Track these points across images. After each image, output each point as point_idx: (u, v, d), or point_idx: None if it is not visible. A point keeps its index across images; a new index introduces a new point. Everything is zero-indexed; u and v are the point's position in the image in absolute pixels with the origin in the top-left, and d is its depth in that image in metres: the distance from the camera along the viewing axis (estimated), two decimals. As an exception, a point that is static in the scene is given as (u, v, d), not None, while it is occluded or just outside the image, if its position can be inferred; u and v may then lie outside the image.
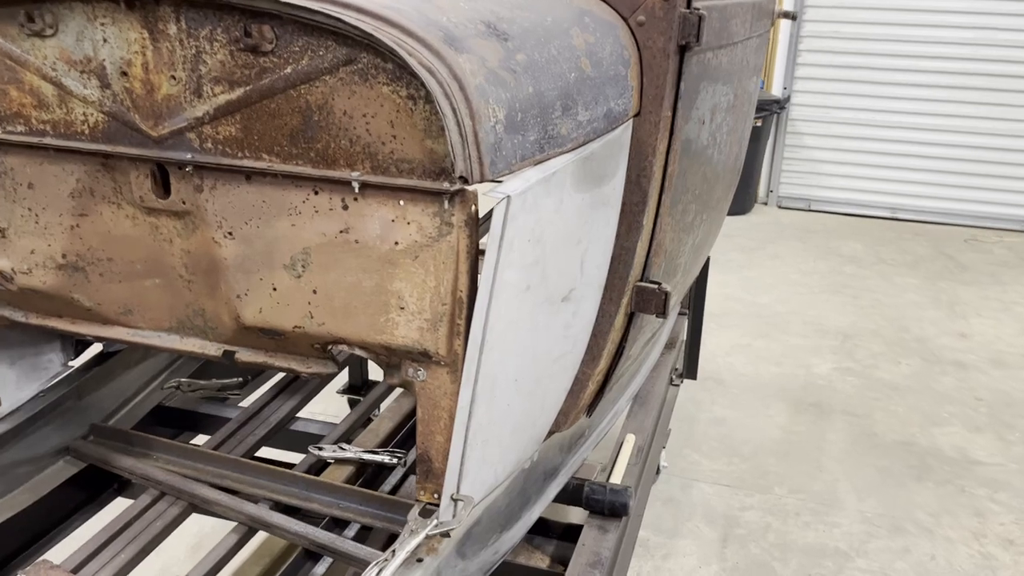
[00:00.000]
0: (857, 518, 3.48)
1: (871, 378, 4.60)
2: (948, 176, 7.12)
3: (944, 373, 4.68)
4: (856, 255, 6.47)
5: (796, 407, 4.29)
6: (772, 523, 3.43)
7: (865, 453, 3.92)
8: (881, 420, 4.20)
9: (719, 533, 3.37)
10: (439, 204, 1.39)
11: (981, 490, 3.69)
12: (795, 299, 5.63)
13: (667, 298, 1.78)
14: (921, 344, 5.02)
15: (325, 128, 1.41)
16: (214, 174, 1.51)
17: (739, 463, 3.83)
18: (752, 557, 3.24)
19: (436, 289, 1.43)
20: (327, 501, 1.97)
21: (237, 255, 1.54)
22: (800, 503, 3.56)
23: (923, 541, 3.37)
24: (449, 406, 1.51)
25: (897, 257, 6.44)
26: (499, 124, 1.39)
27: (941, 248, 6.66)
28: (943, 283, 5.99)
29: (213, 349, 1.69)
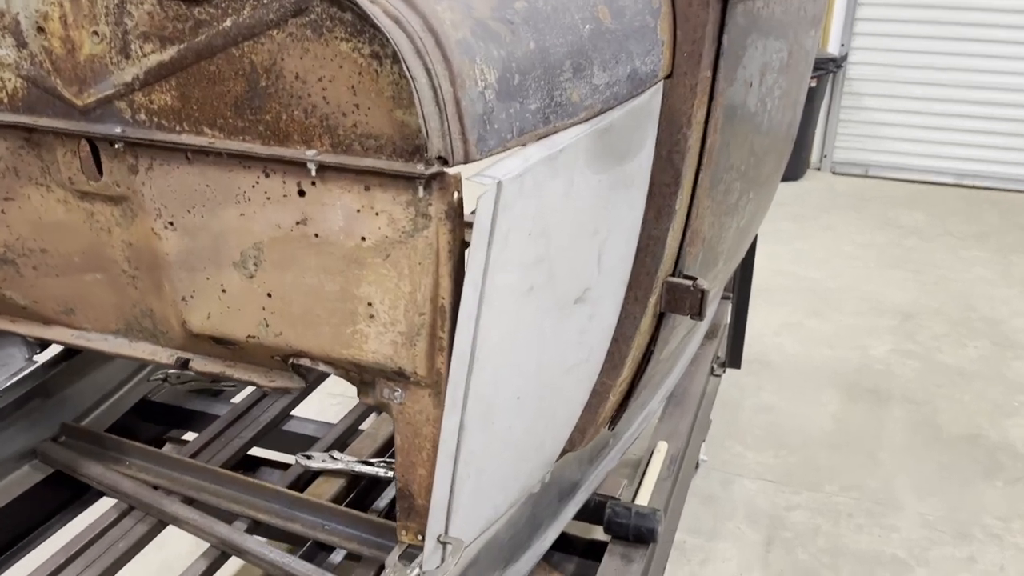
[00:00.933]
0: (917, 521, 3.16)
1: (934, 362, 4.24)
2: (1018, 139, 6.61)
3: (1017, 358, 4.30)
4: (918, 226, 6.04)
5: (850, 393, 3.96)
6: (822, 525, 3.14)
7: (926, 447, 3.58)
8: (945, 410, 3.85)
9: (763, 535, 3.08)
10: (412, 191, 1.11)
11: (1058, 491, 3.34)
12: (850, 274, 5.24)
13: (703, 297, 1.49)
14: (990, 325, 4.63)
15: (275, 95, 1.14)
16: (150, 152, 1.25)
17: (787, 456, 3.52)
18: (799, 564, 2.96)
19: (412, 295, 1.16)
20: (311, 522, 1.73)
21: (180, 250, 1.28)
22: (854, 503, 3.25)
23: (991, 549, 3.04)
24: (432, 434, 1.25)
25: (963, 228, 5.99)
26: (489, 89, 1.10)
27: (1013, 218, 6.18)
28: (1015, 257, 5.55)
29: (165, 356, 1.44)
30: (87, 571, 1.68)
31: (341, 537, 1.69)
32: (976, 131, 6.66)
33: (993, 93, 6.54)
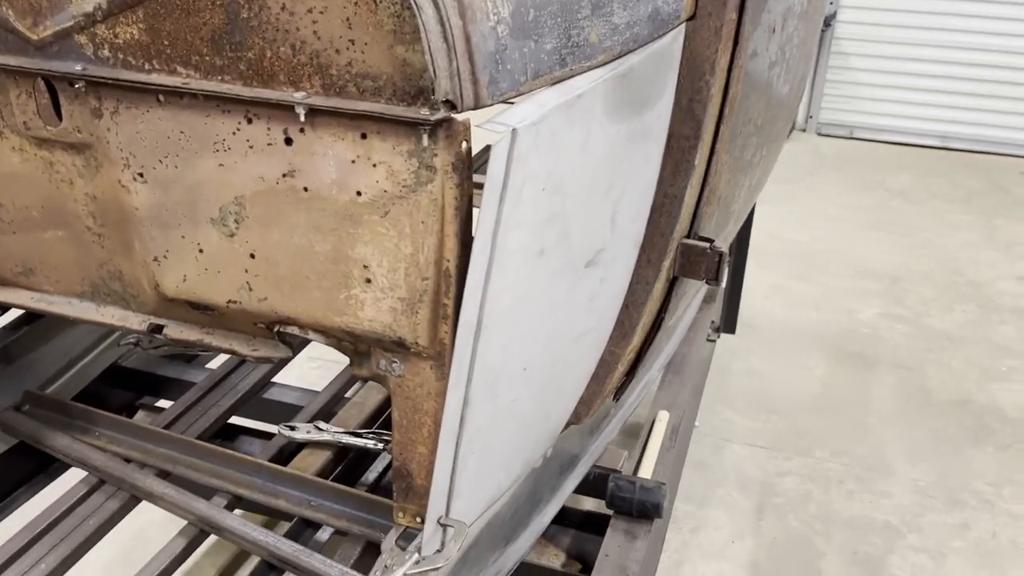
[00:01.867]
0: (909, 487, 3.12)
1: (921, 326, 4.20)
2: (1004, 102, 6.54)
3: (1003, 322, 4.26)
4: (903, 188, 5.98)
5: (838, 358, 3.91)
6: (813, 491, 3.09)
7: (916, 412, 3.54)
8: (934, 374, 3.81)
9: (754, 502, 3.03)
10: (415, 140, 0.99)
11: (1046, 456, 3.31)
12: (836, 236, 5.18)
13: (721, 260, 1.39)
14: (976, 289, 4.59)
15: (258, 29, 1.00)
16: (115, 93, 1.11)
17: (776, 421, 3.46)
18: (791, 531, 2.91)
19: (413, 257, 1.04)
20: (296, 497, 1.63)
21: (151, 204, 1.15)
22: (844, 469, 3.20)
23: (983, 515, 3.01)
24: (433, 409, 1.14)
25: (948, 191, 5.94)
26: (502, 25, 0.98)
27: (996, 181, 6.14)
28: (999, 220, 5.51)
29: (136, 322, 1.31)
30: (55, 550, 1.57)
31: (329, 514, 1.58)
32: (960, 93, 6.59)
33: (978, 55, 6.46)
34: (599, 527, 1.79)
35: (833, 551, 2.82)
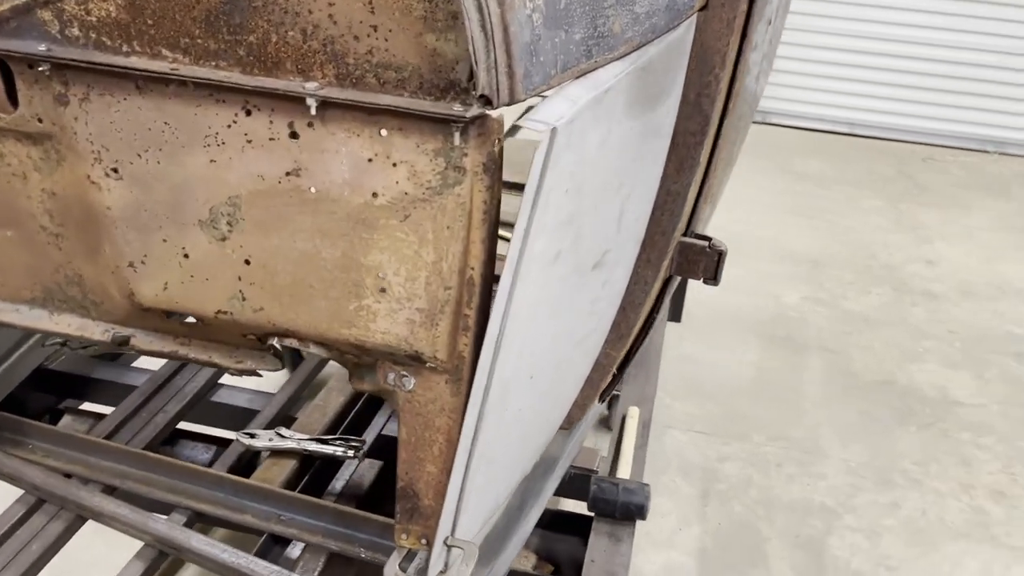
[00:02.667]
0: (842, 468, 3.21)
1: (843, 309, 4.32)
2: (908, 91, 6.81)
3: (915, 304, 4.43)
4: (816, 174, 6.15)
5: (768, 341, 3.98)
6: (753, 476, 3.13)
7: (844, 394, 3.64)
8: (858, 357, 3.93)
9: (698, 489, 3.05)
10: (444, 138, 0.90)
11: (965, 434, 3.46)
12: (756, 221, 5.28)
13: (720, 259, 1.35)
14: (889, 272, 4.76)
15: (262, 10, 0.89)
16: (86, 78, 0.98)
17: (713, 406, 3.50)
18: (735, 516, 2.94)
19: (436, 266, 0.96)
20: (263, 512, 1.52)
21: (127, 204, 1.02)
22: (782, 452, 3.26)
23: (912, 494, 3.12)
24: (447, 427, 1.06)
25: (858, 177, 6.14)
26: (537, 13, 0.90)
27: (901, 167, 6.39)
28: (905, 205, 5.73)
29: (98, 331, 1.18)
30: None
31: (301, 528, 1.49)
32: (869, 82, 6.81)
33: (886, 45, 6.69)
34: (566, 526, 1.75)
35: (776, 535, 2.87)
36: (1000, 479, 3.23)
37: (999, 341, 4.13)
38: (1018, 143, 6.78)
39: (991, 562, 2.83)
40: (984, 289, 4.64)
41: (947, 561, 2.81)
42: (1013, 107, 6.73)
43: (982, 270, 4.86)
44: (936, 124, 6.84)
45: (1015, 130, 6.78)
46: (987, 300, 4.51)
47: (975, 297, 4.54)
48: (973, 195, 5.97)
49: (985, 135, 6.82)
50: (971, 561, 2.82)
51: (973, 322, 4.30)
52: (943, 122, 6.84)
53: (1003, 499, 3.13)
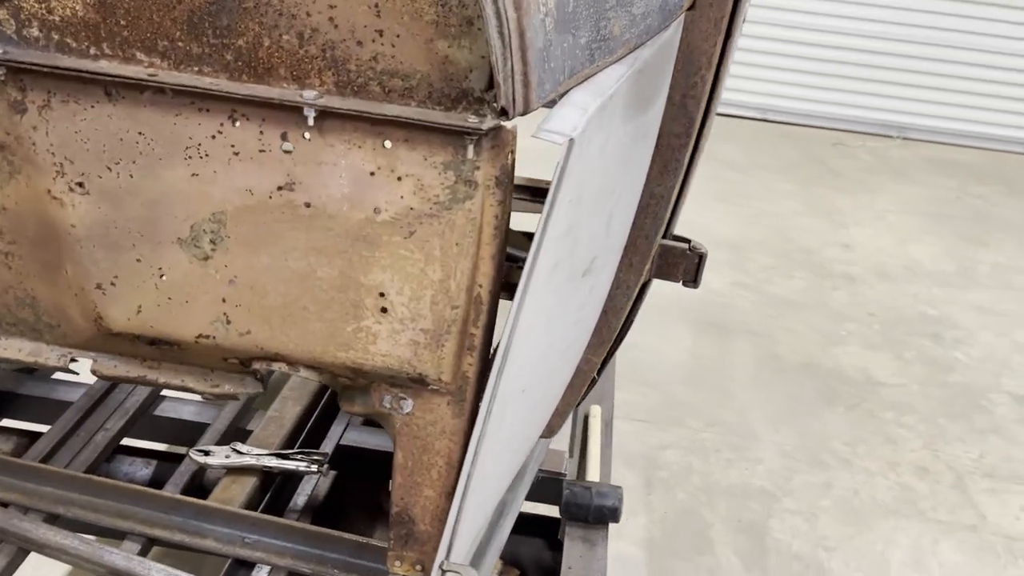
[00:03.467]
0: (776, 451, 3.29)
1: (767, 294, 4.42)
2: (816, 78, 7.02)
3: (835, 287, 4.57)
4: (732, 159, 6.27)
5: (698, 327, 4.04)
6: (694, 463, 3.18)
7: (772, 377, 3.73)
8: (783, 340, 4.03)
9: (642, 478, 3.07)
10: (456, 150, 0.84)
11: (888, 413, 3.60)
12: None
13: (701, 261, 1.33)
14: (808, 256, 4.90)
15: (254, 12, 0.81)
16: (47, 84, 0.88)
17: (650, 393, 3.53)
18: (679, 504, 2.98)
19: (443, 284, 0.90)
20: (226, 535, 1.43)
21: (95, 221, 0.93)
22: (718, 438, 3.32)
23: (843, 474, 3.22)
24: (447, 449, 1.01)
25: (772, 161, 6.30)
26: (549, 17, 0.85)
27: (811, 152, 6.58)
28: (818, 189, 5.91)
29: (53, 356, 1.08)
30: (-72, 627, 1.30)
31: (267, 551, 1.41)
32: (778, 68, 7.00)
33: (794, 32, 6.88)
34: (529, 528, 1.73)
35: (719, 520, 2.92)
36: (923, 456, 3.36)
37: (915, 322, 4.31)
38: (920, 128, 7.07)
39: (920, 537, 2.95)
40: (898, 271, 4.83)
41: (880, 539, 2.92)
42: (915, 93, 7.02)
43: (895, 253, 5.05)
44: (843, 110, 7.08)
45: (917, 115, 7.07)
46: (902, 282, 4.69)
47: (890, 279, 4.72)
48: (881, 179, 6.20)
49: (889, 120, 7.10)
50: (902, 538, 2.93)
51: (890, 304, 4.46)
52: (850, 108, 7.08)
53: (927, 475, 3.27)
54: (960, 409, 3.67)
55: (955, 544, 2.92)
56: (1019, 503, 3.14)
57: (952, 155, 6.79)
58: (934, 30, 6.77)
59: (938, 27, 6.75)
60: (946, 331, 4.24)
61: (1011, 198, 6.02)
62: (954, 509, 3.10)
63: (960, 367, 3.96)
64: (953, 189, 6.10)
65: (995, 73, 6.80)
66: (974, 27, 6.71)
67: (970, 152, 6.88)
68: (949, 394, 3.75)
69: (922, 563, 2.83)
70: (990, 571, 2.81)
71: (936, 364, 3.94)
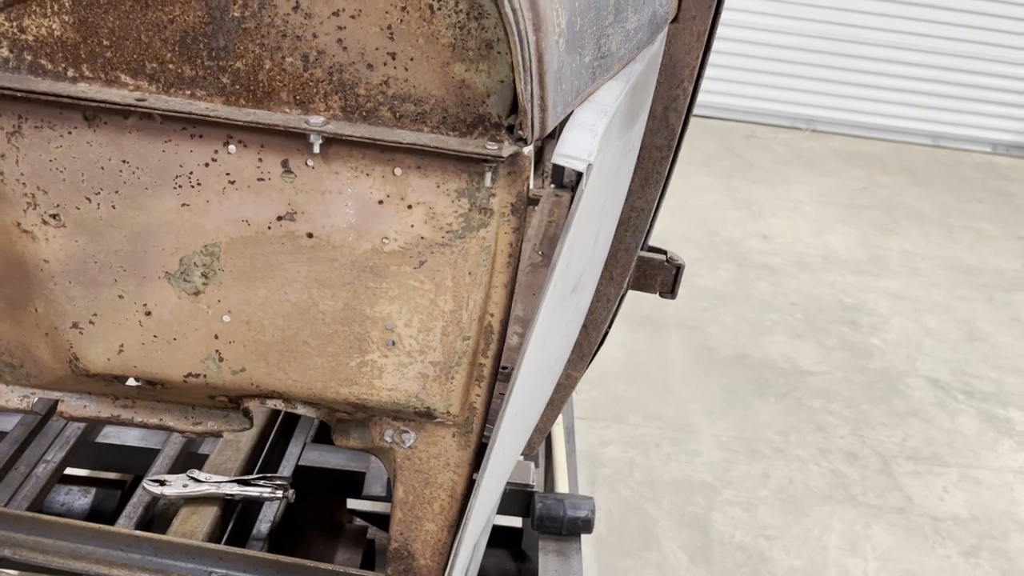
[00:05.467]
0: (714, 444, 3.35)
1: (695, 286, 4.50)
2: (729, 71, 7.19)
3: (758, 278, 4.69)
4: (653, 152, 6.36)
5: (630, 321, 4.08)
6: (635, 458, 3.21)
7: (707, 370, 3.81)
8: (714, 333, 4.11)
9: (586, 475, 3.09)
10: (471, 177, 0.81)
11: (816, 401, 3.72)
12: (606, 201, 5.39)
13: (679, 272, 1.33)
14: (731, 247, 5.01)
15: (254, 33, 0.76)
16: (18, 108, 0.80)
17: (589, 389, 3.55)
18: (624, 501, 3.01)
19: (455, 315, 0.87)
20: (190, 570, 1.36)
21: (71, 255, 0.85)
22: (658, 432, 3.36)
23: (778, 463, 3.31)
24: (450, 483, 0.97)
25: (690, 154, 6.41)
26: (562, 38, 0.83)
27: (727, 144, 6.74)
28: (735, 181, 6.05)
29: (14, 398, 0.99)
30: None
31: (237, 585, 1.34)
32: (694, 61, 7.11)
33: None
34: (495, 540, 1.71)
35: (664, 515, 2.96)
36: (851, 442, 3.49)
37: (834, 310, 4.46)
38: (829, 120, 7.32)
39: (853, 522, 3.06)
40: (815, 261, 4.99)
41: (817, 525, 3.01)
42: (822, 87, 7.26)
43: (812, 243, 5.22)
44: (754, 103, 7.27)
45: (825, 108, 7.31)
46: (819, 271, 4.86)
47: (809, 269, 4.88)
48: (795, 170, 6.39)
49: (798, 113, 7.33)
50: (837, 523, 3.04)
51: (810, 292, 4.61)
52: (760, 101, 7.28)
53: (855, 460, 3.39)
54: (881, 394, 3.82)
55: (886, 527, 3.04)
56: (941, 484, 3.30)
57: (859, 147, 7.06)
58: (841, 26, 7.01)
59: (844, 23, 7.00)
60: (862, 318, 4.41)
61: (915, 187, 6.30)
62: (882, 493, 3.22)
63: (877, 353, 4.12)
64: (861, 179, 6.34)
65: (899, 68, 7.10)
66: (879, 23, 6.98)
67: (876, 144, 7.17)
68: (869, 379, 3.90)
69: (857, 547, 2.94)
70: (920, 552, 2.94)
71: (856, 351, 4.09)
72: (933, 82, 7.07)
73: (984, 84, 7.08)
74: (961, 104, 7.15)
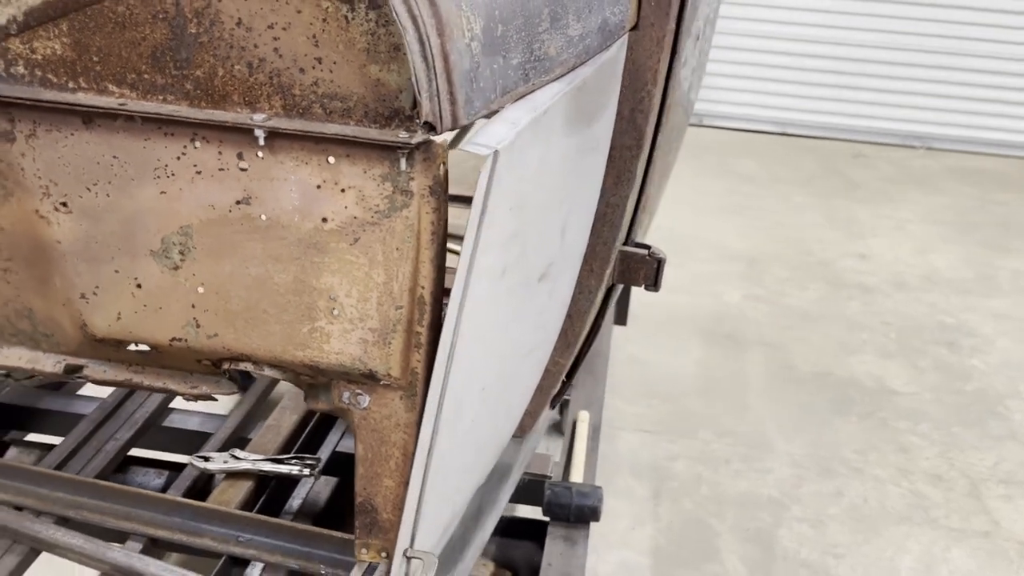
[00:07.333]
0: (787, 461, 3.31)
1: (781, 305, 4.45)
2: (835, 90, 7.04)
3: (851, 298, 4.58)
4: (751, 173, 6.31)
5: (711, 339, 4.08)
6: (703, 473, 3.21)
7: (786, 388, 3.76)
8: (797, 351, 4.05)
9: (650, 489, 3.12)
10: (390, 163, 0.93)
11: (902, 423, 3.60)
12: (695, 221, 5.40)
13: (660, 266, 1.40)
14: (824, 267, 4.91)
15: (208, 45, 0.91)
16: (32, 115, 0.99)
17: (660, 405, 3.58)
18: (687, 514, 3.01)
19: (387, 286, 0.99)
20: (221, 534, 1.52)
21: (77, 237, 1.03)
22: (729, 448, 3.35)
23: (854, 482, 3.23)
24: (402, 441, 1.09)
25: (791, 175, 6.32)
26: (475, 42, 0.94)
27: (831, 164, 6.59)
28: (837, 201, 5.92)
29: (49, 364, 1.18)
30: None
31: (260, 549, 1.50)
32: (796, 83, 7.03)
33: (810, 46, 6.91)
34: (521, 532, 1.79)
35: (727, 530, 2.95)
36: (937, 464, 3.36)
37: (932, 330, 4.30)
38: (943, 138, 7.04)
39: (931, 544, 2.95)
40: (915, 280, 4.82)
41: (891, 545, 2.92)
42: (937, 103, 7.00)
43: (913, 262, 5.04)
44: (864, 122, 7.08)
45: (940, 125, 7.04)
46: (919, 291, 4.69)
47: (907, 288, 4.72)
48: (902, 189, 6.18)
49: (911, 131, 7.08)
50: (913, 544, 2.94)
51: (907, 312, 4.46)
52: (870, 119, 7.08)
53: (940, 482, 3.26)
54: (976, 416, 3.66)
55: (967, 551, 2.92)
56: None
57: (978, 163, 6.75)
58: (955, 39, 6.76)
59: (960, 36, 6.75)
60: (963, 339, 4.23)
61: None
62: (967, 516, 3.09)
63: (976, 374, 3.95)
64: (976, 197, 6.07)
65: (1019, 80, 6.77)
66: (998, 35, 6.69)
67: (996, 160, 6.84)
68: (964, 401, 3.74)
69: (932, 569, 2.84)
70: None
71: (951, 372, 3.94)
72: (1060, 95, 6.71)
73: (1118, 95, 6.66)
74: (1093, 117, 6.74)
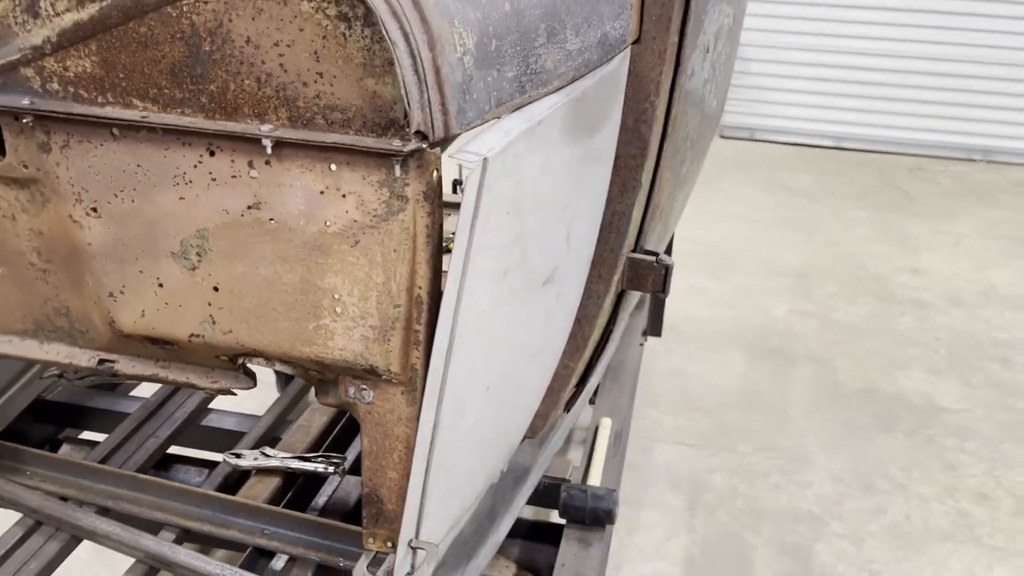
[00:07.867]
0: (827, 476, 3.27)
1: (830, 320, 4.40)
2: (893, 103, 6.92)
3: (903, 313, 4.50)
4: (804, 187, 6.24)
5: (755, 353, 4.06)
6: (740, 486, 3.20)
7: (830, 402, 3.71)
8: (844, 366, 4.00)
9: (685, 500, 3.12)
10: (387, 170, 0.99)
11: (950, 440, 3.53)
12: (745, 236, 5.37)
13: (668, 272, 1.44)
14: (877, 282, 4.84)
15: (221, 63, 0.99)
16: (65, 127, 1.08)
17: (700, 418, 3.58)
18: (722, 526, 3.01)
19: (385, 286, 1.05)
20: (248, 526, 1.60)
21: (106, 240, 1.12)
22: (768, 462, 3.33)
23: (896, 499, 3.18)
24: (405, 435, 1.15)
25: (845, 189, 6.24)
26: (468, 56, 1.00)
27: (887, 178, 6.48)
28: (893, 215, 5.82)
29: (85, 358, 1.27)
30: (-7, 600, 1.50)
31: (283, 541, 1.57)
32: (852, 96, 6.93)
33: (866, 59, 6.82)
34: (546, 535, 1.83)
35: (763, 543, 2.93)
36: (984, 481, 3.29)
37: (985, 347, 4.20)
38: (1006, 151, 6.87)
39: (974, 563, 2.89)
40: (971, 296, 4.71)
41: (931, 563, 2.87)
42: (999, 115, 6.83)
43: (970, 277, 4.93)
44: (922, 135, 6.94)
45: (1002, 138, 6.87)
46: (974, 307, 4.58)
47: (963, 305, 4.61)
48: (962, 203, 6.05)
49: (972, 144, 6.92)
50: (955, 562, 2.88)
51: (960, 328, 4.37)
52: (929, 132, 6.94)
53: (986, 501, 3.19)
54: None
55: (1011, 569, 2.85)
56: (1086, 530, 3.04)
57: (1043, 177, 6.57)
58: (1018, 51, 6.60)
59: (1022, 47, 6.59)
60: (1018, 356, 4.12)
61: (1102, 220, 5.78)
62: (1013, 536, 3.02)
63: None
64: (1039, 212, 5.90)
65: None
66: (1057, 46, 6.52)
67: (1062, 174, 6.65)
68: (1017, 419, 3.65)
69: (974, 588, 2.78)
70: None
71: (1004, 389, 3.84)
72: None
73: None
74: None
